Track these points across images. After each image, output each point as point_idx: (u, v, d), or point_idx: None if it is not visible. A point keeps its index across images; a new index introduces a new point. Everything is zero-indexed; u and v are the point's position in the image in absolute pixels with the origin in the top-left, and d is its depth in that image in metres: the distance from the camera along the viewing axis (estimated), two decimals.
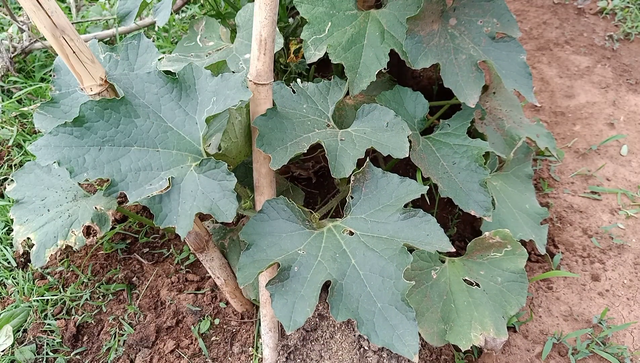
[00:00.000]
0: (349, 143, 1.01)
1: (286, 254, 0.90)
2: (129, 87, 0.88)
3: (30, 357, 1.25)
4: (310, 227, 0.96)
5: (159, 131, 0.90)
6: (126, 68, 1.11)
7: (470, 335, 1.07)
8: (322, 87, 1.14)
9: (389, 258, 0.88)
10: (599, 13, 2.35)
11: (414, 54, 1.13)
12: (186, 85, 0.93)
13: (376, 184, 0.98)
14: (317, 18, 1.12)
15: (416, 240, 0.91)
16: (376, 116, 1.07)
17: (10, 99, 1.94)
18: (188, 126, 0.92)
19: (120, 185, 0.82)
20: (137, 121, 0.88)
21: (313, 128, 1.06)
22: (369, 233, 0.93)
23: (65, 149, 0.80)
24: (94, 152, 0.82)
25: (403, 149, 0.98)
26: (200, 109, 0.92)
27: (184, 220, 0.81)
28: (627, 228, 1.50)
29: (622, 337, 1.25)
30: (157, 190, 0.81)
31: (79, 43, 0.78)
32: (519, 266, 1.14)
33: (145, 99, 0.89)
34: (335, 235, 0.95)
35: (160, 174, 0.86)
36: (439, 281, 1.12)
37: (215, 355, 1.25)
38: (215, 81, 0.93)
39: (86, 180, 0.82)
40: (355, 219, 0.96)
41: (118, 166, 0.83)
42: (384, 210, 0.95)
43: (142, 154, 0.87)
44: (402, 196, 0.95)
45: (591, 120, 1.86)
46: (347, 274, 0.88)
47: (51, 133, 0.80)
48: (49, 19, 0.74)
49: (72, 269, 1.44)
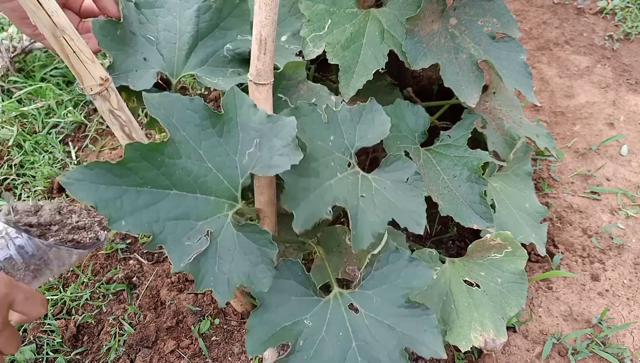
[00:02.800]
0: (369, 203, 0.94)
1: (293, 320, 0.88)
2: (169, 115, 0.77)
3: (31, 356, 1.25)
4: (318, 294, 0.94)
5: (199, 174, 0.80)
6: (212, 19, 1.05)
7: (470, 335, 1.07)
8: (355, 113, 0.99)
9: (387, 354, 0.87)
10: (599, 13, 2.35)
11: (413, 54, 1.13)
12: (228, 116, 0.82)
13: (387, 259, 0.95)
14: (317, 15, 1.12)
15: (414, 335, 0.89)
16: (399, 167, 1.00)
17: (10, 99, 1.94)
18: (227, 168, 0.82)
19: (159, 238, 0.74)
20: (179, 162, 0.78)
21: (336, 172, 0.94)
22: (372, 313, 0.90)
23: (102, 188, 0.70)
24: (132, 194, 0.73)
25: (419, 224, 0.93)
26: (242, 149, 0.82)
27: (223, 286, 0.76)
28: (627, 228, 1.50)
29: (622, 337, 1.25)
30: (196, 251, 0.75)
31: (79, 43, 0.78)
32: (519, 268, 1.14)
33: (185, 131, 0.79)
34: (341, 306, 0.92)
35: (198, 225, 0.78)
36: (439, 281, 1.12)
37: (216, 355, 1.25)
38: (260, 117, 0.83)
39: (127, 232, 0.73)
40: (362, 294, 0.93)
41: (156, 212, 0.75)
42: (391, 290, 0.92)
43: (180, 200, 0.78)
44: (410, 279, 0.92)
45: (591, 120, 1.86)
46: (346, 359, 0.87)
47: (87, 167, 0.70)
48: (49, 18, 0.73)
49: (72, 269, 1.44)
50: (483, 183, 1.12)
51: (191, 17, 1.09)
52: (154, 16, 1.09)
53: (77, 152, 1.80)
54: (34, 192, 1.64)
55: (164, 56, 1.09)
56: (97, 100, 0.84)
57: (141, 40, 1.07)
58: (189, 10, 1.09)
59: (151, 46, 1.08)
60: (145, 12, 1.08)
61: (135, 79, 1.02)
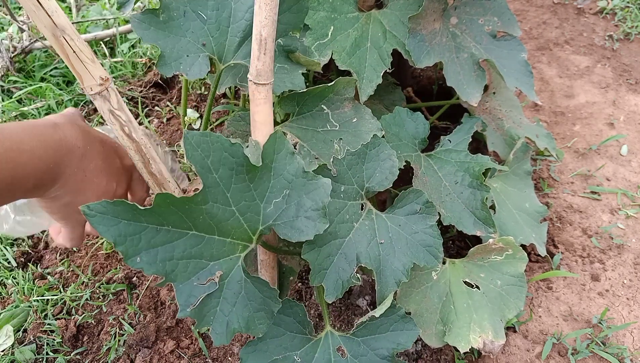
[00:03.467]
0: (389, 249, 0.94)
1: (284, 355, 0.90)
2: (206, 156, 0.75)
3: (31, 357, 1.25)
4: (311, 333, 0.95)
5: (223, 217, 0.78)
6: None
7: (469, 337, 1.07)
8: (360, 154, 0.97)
9: None
10: (598, 13, 2.35)
11: (417, 52, 1.13)
12: (265, 162, 0.80)
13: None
14: (319, 23, 1.11)
15: None
16: (410, 199, 0.98)
17: (10, 99, 1.94)
18: (250, 213, 0.80)
19: (170, 276, 0.74)
20: (205, 207, 0.76)
21: (352, 223, 0.93)
22: (357, 359, 0.92)
23: (122, 223, 0.70)
24: (152, 232, 0.72)
25: (437, 258, 0.95)
26: (269, 197, 0.80)
27: (221, 327, 0.77)
28: (627, 228, 1.50)
29: (622, 337, 1.25)
30: (204, 293, 0.75)
31: (80, 43, 0.78)
32: (519, 270, 1.14)
33: (218, 174, 0.76)
34: (330, 347, 0.93)
35: (209, 265, 0.78)
36: (439, 282, 1.12)
37: (216, 355, 1.25)
38: (296, 168, 0.80)
39: (139, 270, 0.75)
40: (351, 340, 0.94)
41: (172, 251, 0.74)
42: (379, 341, 0.93)
43: (198, 240, 0.77)
44: (398, 335, 0.93)
45: (591, 120, 1.86)
46: None
47: (113, 203, 0.69)
48: (49, 18, 0.73)
49: (72, 269, 1.44)
50: (485, 189, 1.11)
51: (251, 4, 1.01)
52: None
53: None
54: None
55: (215, 38, 1.01)
56: (97, 100, 0.84)
57: (191, 16, 0.99)
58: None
59: (202, 25, 1.00)
60: None
61: (188, 66, 0.97)
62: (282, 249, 1.04)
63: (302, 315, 0.94)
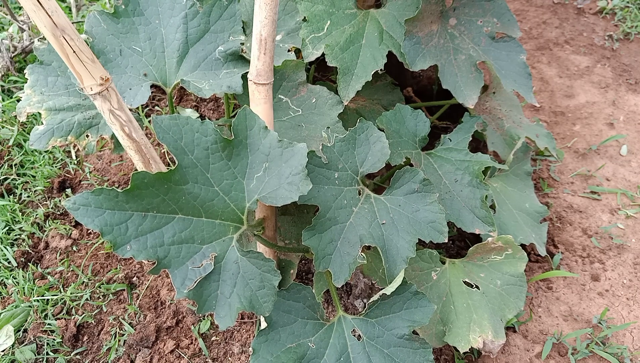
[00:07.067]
0: (392, 228, 0.95)
1: (298, 342, 0.90)
2: (178, 138, 0.78)
3: (31, 356, 1.25)
4: (322, 318, 0.95)
5: (206, 198, 0.80)
6: (201, 24, 1.03)
7: (469, 337, 1.07)
8: (349, 139, 0.99)
9: None
10: (598, 13, 2.35)
11: (411, 55, 1.13)
12: (238, 139, 0.82)
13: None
14: (316, 16, 1.11)
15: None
16: (406, 178, 1.00)
17: (10, 99, 1.94)
18: (235, 191, 0.82)
19: (164, 263, 0.76)
20: (186, 187, 0.79)
21: (351, 208, 0.95)
22: (373, 341, 0.92)
23: (107, 213, 0.72)
24: (137, 219, 0.74)
25: (442, 233, 0.95)
26: (250, 173, 0.82)
27: (224, 309, 0.77)
28: (626, 228, 1.50)
29: (621, 336, 1.25)
30: (200, 275, 0.76)
31: (79, 42, 0.78)
32: (519, 270, 1.14)
33: (194, 155, 0.79)
34: (345, 331, 0.93)
35: (202, 248, 0.79)
36: (439, 282, 1.12)
37: (216, 355, 1.25)
38: (270, 141, 0.82)
39: (131, 257, 0.75)
40: (365, 322, 0.94)
41: (161, 236, 0.76)
42: (393, 321, 0.93)
43: (185, 223, 0.79)
44: (412, 312, 0.93)
45: (591, 120, 1.86)
46: None
47: (93, 193, 0.71)
48: (49, 18, 0.73)
49: (72, 269, 1.44)
50: (484, 188, 1.11)
51: (179, 24, 1.08)
52: (134, 25, 1.08)
53: (77, 152, 1.80)
54: (34, 192, 1.64)
55: (154, 66, 1.08)
56: (97, 100, 0.84)
57: (127, 53, 1.06)
58: (174, 17, 1.08)
59: (139, 57, 1.07)
60: (124, 22, 1.07)
61: (132, 98, 1.02)
62: (280, 247, 1.04)
63: (312, 299, 0.93)
